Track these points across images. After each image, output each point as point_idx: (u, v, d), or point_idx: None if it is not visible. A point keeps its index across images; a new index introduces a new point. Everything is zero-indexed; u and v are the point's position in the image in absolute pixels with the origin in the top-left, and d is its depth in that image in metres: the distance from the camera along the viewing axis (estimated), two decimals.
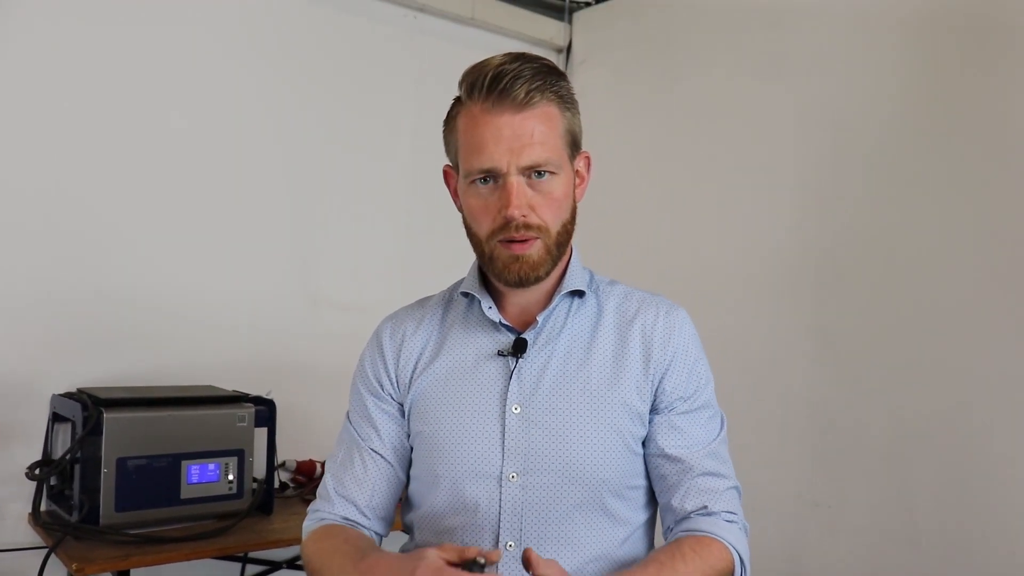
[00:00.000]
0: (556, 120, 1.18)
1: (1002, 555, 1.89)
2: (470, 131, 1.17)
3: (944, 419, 2.00)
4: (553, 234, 1.18)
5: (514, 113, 1.14)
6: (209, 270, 2.34)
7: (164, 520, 1.87)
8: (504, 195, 1.15)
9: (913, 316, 2.06)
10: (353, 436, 1.31)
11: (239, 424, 1.97)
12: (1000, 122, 1.93)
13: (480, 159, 1.15)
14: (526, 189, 1.16)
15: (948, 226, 2.01)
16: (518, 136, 1.14)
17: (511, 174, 1.14)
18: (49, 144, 2.11)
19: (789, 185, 2.35)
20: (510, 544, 1.18)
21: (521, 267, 1.17)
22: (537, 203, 1.16)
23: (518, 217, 1.14)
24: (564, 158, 1.19)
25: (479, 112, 1.15)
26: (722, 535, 1.18)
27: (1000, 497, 1.90)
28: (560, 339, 1.24)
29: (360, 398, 1.33)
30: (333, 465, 1.32)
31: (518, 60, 1.16)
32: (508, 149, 1.14)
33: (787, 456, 2.30)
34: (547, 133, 1.16)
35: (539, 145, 1.15)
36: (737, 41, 2.52)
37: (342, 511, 1.27)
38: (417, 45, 2.73)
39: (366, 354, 1.35)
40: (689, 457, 1.21)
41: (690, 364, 1.25)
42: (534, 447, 1.19)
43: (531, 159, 1.14)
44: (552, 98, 1.17)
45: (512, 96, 1.13)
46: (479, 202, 1.18)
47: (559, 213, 1.19)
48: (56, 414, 2.00)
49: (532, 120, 1.15)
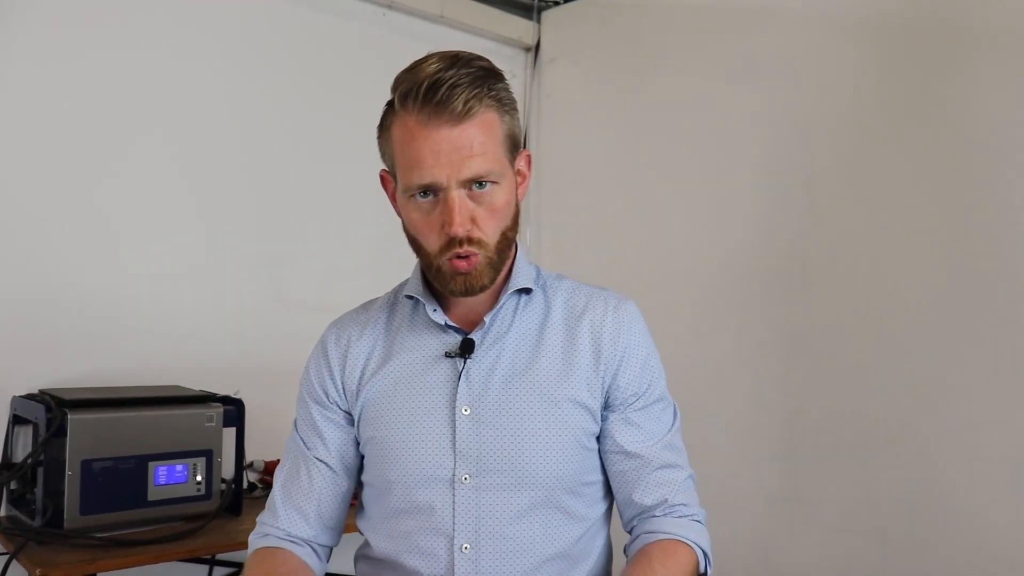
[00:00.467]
0: (495, 126, 1.14)
1: (967, 550, 1.93)
2: (406, 144, 1.12)
3: (911, 417, 2.03)
4: (492, 245, 1.16)
5: (452, 126, 1.09)
6: (177, 270, 2.30)
7: (131, 523, 1.84)
8: (446, 211, 1.12)
9: (880, 316, 2.10)
10: (299, 446, 1.30)
11: (207, 424, 1.94)
12: (965, 122, 1.97)
13: (419, 175, 1.11)
14: (467, 203, 1.13)
15: (915, 226, 2.05)
16: (457, 149, 1.10)
17: (452, 188, 1.11)
18: (14, 144, 2.06)
19: (758, 186, 2.38)
20: (465, 547, 1.17)
21: (467, 280, 1.16)
22: (479, 215, 1.14)
23: (461, 234, 1.12)
24: (505, 164, 1.16)
25: (415, 125, 1.11)
26: (685, 535, 1.19)
27: (965, 494, 1.94)
28: (508, 337, 1.23)
29: (306, 407, 1.31)
30: (280, 475, 1.31)
31: (454, 65, 1.10)
32: (447, 163, 1.10)
33: (757, 453, 2.32)
34: (486, 142, 1.12)
35: (479, 157, 1.11)
36: (706, 42, 2.54)
37: (286, 525, 1.26)
38: (386, 43, 2.72)
39: (311, 362, 1.33)
40: (647, 452, 1.22)
41: (642, 359, 1.24)
42: (486, 448, 1.18)
43: (472, 172, 1.11)
44: (491, 104, 1.13)
45: (450, 108, 1.08)
46: (421, 217, 1.15)
47: (500, 222, 1.16)
48: (16, 416, 1.95)
49: (471, 130, 1.10)
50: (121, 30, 2.22)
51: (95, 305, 2.16)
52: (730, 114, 2.46)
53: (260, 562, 1.24)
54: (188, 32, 2.34)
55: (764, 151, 2.37)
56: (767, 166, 2.36)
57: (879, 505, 2.08)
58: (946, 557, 1.96)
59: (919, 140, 2.05)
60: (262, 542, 1.27)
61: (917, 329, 2.03)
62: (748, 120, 2.41)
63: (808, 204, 2.26)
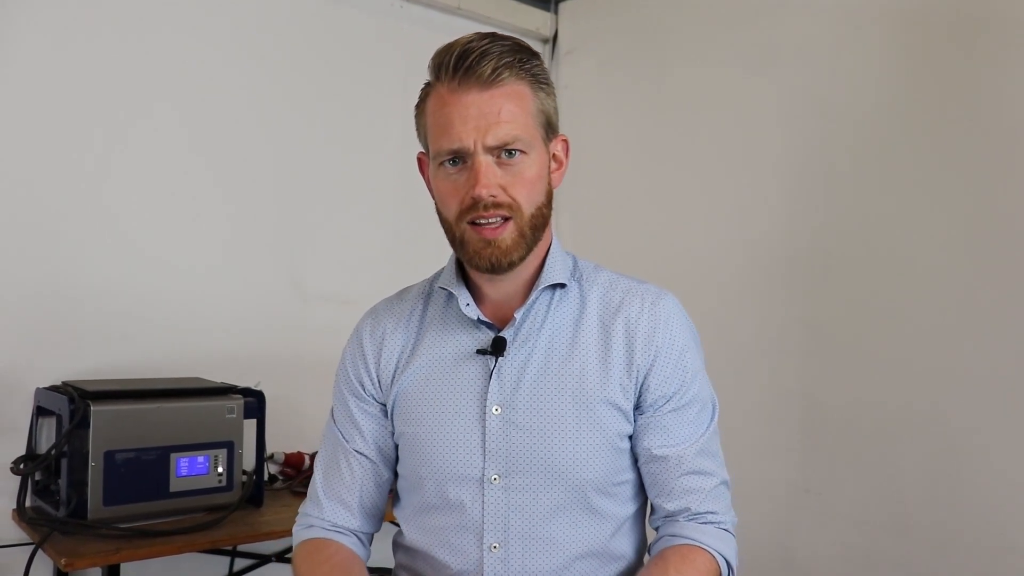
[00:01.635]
0: (527, 99, 1.13)
1: (990, 542, 1.91)
2: (437, 112, 1.14)
3: (933, 407, 2.01)
4: (526, 215, 1.14)
5: (480, 90, 1.10)
6: (197, 262, 2.31)
7: (153, 514, 1.85)
8: (472, 174, 1.11)
9: (902, 306, 2.08)
10: (337, 437, 1.30)
11: (228, 416, 1.95)
12: (989, 113, 1.95)
13: (447, 139, 1.12)
14: (495, 168, 1.11)
15: (936, 216, 2.03)
16: (484, 114, 1.10)
17: (478, 153, 1.10)
18: (33, 137, 2.08)
19: (777, 176, 2.36)
20: (495, 546, 1.17)
21: (493, 252, 1.13)
22: (507, 183, 1.12)
23: (486, 196, 1.10)
24: (536, 138, 1.15)
25: (446, 92, 1.12)
26: (705, 542, 1.18)
27: (988, 485, 1.92)
28: (541, 334, 1.21)
29: (343, 399, 1.31)
30: (320, 465, 1.32)
31: (486, 38, 1.12)
32: (475, 127, 1.10)
33: (777, 444, 2.31)
34: (516, 112, 1.12)
35: (507, 123, 1.10)
36: (724, 32, 2.52)
37: (331, 516, 1.27)
38: (403, 35, 2.71)
39: (347, 353, 1.33)
40: (675, 456, 1.19)
41: (674, 360, 1.20)
42: (515, 449, 1.17)
43: (498, 138, 1.10)
44: (523, 76, 1.13)
45: (478, 73, 1.09)
46: (448, 184, 1.14)
47: (532, 194, 1.14)
48: (40, 408, 1.97)
49: (499, 97, 1.11)
50: (140, 22, 2.23)
51: (117, 298, 2.18)
52: (749, 104, 2.44)
53: (312, 553, 1.24)
54: (207, 24, 2.35)
55: (784, 141, 2.35)
56: (787, 156, 2.34)
57: (900, 496, 2.06)
58: (968, 549, 1.94)
59: (940, 129, 2.03)
60: (308, 533, 1.28)
61: (939, 319, 2.01)
62: (767, 110, 2.39)
63: (828, 194, 2.24)
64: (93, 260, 2.15)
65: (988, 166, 1.94)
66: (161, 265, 2.25)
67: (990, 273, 1.93)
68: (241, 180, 2.41)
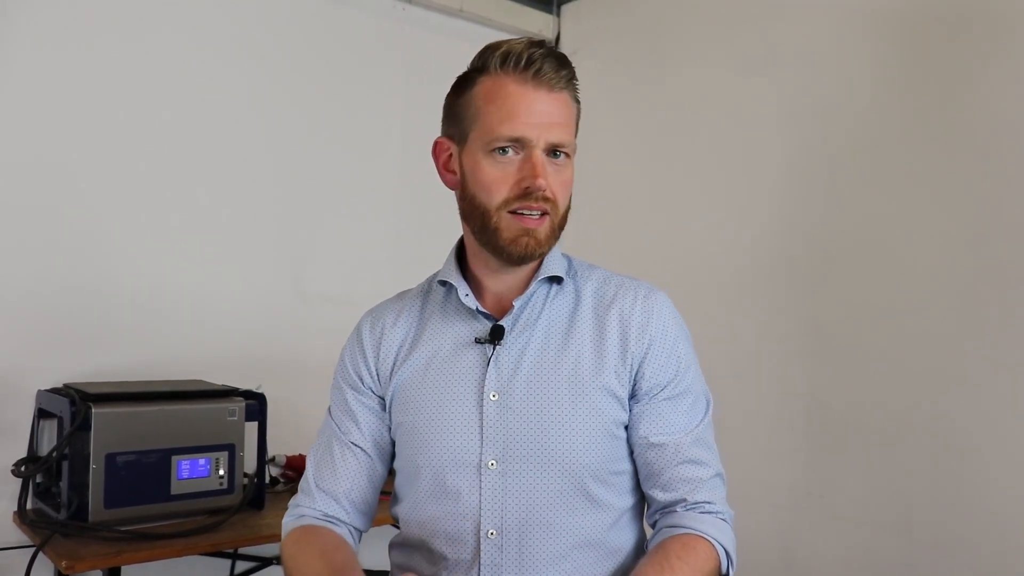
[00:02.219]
0: (572, 110, 1.22)
1: (994, 545, 1.90)
2: (499, 99, 1.17)
3: (936, 409, 2.01)
4: (560, 213, 1.21)
5: (548, 92, 1.17)
6: (197, 264, 2.31)
7: (154, 516, 1.85)
8: (531, 166, 1.16)
9: (905, 307, 2.07)
10: (333, 429, 1.31)
11: (230, 418, 1.95)
12: (987, 112, 1.94)
13: (512, 127, 1.16)
14: (548, 166, 1.18)
15: (937, 216, 2.02)
16: (549, 113, 1.17)
17: (538, 147, 1.16)
18: (34, 139, 2.08)
19: (779, 177, 2.36)
20: (492, 532, 1.18)
21: (529, 241, 1.18)
22: (553, 181, 1.18)
23: (544, 187, 1.16)
24: (574, 147, 1.23)
25: (513, 83, 1.17)
26: (705, 531, 1.18)
27: (992, 487, 1.91)
28: (538, 325, 1.24)
29: (340, 392, 1.33)
30: (314, 458, 1.32)
31: (544, 47, 1.19)
32: (539, 124, 1.16)
33: (780, 446, 2.30)
34: (568, 119, 1.20)
35: (566, 126, 1.19)
36: (726, 34, 2.52)
37: (322, 506, 1.28)
38: (405, 37, 2.72)
39: (346, 349, 1.35)
40: (671, 444, 1.21)
41: (668, 349, 1.23)
42: (512, 434, 1.19)
43: (558, 138, 1.18)
44: (573, 90, 1.22)
45: (548, 77, 1.17)
46: (497, 171, 1.17)
47: (567, 195, 1.22)
48: (41, 410, 1.97)
49: (560, 104, 1.18)
50: (143, 23, 2.23)
51: (119, 300, 2.18)
52: (751, 106, 2.44)
53: (301, 537, 1.25)
54: (208, 26, 2.35)
55: (785, 142, 2.35)
56: (788, 157, 2.34)
57: (903, 498, 2.05)
58: (972, 551, 1.93)
59: (941, 129, 2.02)
60: (298, 522, 1.28)
61: (941, 320, 2.00)
62: (769, 112, 2.39)
63: (829, 195, 2.24)
64: (94, 262, 2.15)
65: (988, 165, 1.94)
66: (162, 267, 2.25)
67: (992, 273, 1.93)
68: (242, 182, 2.41)
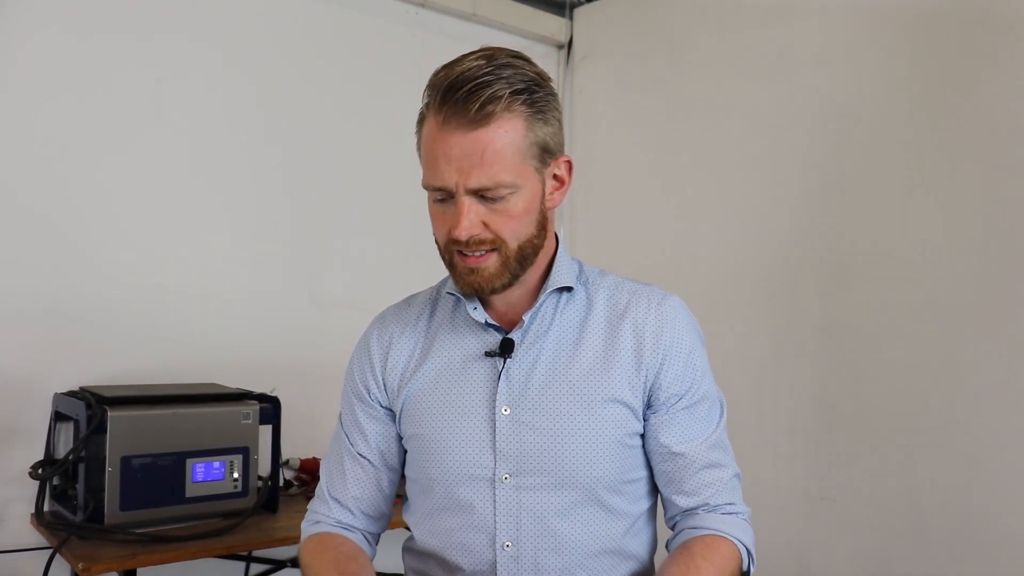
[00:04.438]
0: (518, 133, 1.10)
1: (1008, 551, 1.89)
2: (426, 144, 1.13)
3: (950, 414, 1.99)
4: (513, 248, 1.14)
5: (466, 131, 1.07)
6: (213, 269, 2.33)
7: (169, 519, 1.86)
8: (455, 216, 1.11)
9: (919, 311, 2.06)
10: (343, 440, 1.33)
11: (244, 422, 1.96)
12: (1001, 114, 1.93)
13: (432, 175, 1.12)
14: (477, 207, 1.11)
15: (952, 219, 2.01)
16: (468, 156, 1.08)
17: (460, 194, 1.10)
18: (49, 142, 2.09)
19: (793, 181, 2.35)
20: (507, 544, 1.18)
21: (476, 279, 1.15)
22: (492, 220, 1.12)
23: (464, 238, 1.12)
24: (526, 172, 1.12)
25: (434, 125, 1.11)
26: (728, 531, 1.19)
27: (1007, 492, 1.90)
28: (548, 336, 1.22)
29: (349, 403, 1.33)
30: (326, 467, 1.35)
31: (487, 66, 1.08)
32: (457, 169, 1.09)
33: (794, 451, 2.29)
34: (501, 151, 1.08)
35: (489, 167, 1.08)
36: (738, 37, 2.51)
37: (335, 514, 1.30)
38: (418, 41, 2.72)
39: (354, 359, 1.34)
40: (691, 452, 1.21)
41: (684, 359, 1.22)
42: (525, 448, 1.18)
43: (479, 182, 1.09)
44: (518, 109, 1.09)
45: (465, 111, 1.07)
46: (438, 212, 1.16)
47: (519, 228, 1.14)
48: (58, 413, 1.98)
49: (485, 137, 1.08)
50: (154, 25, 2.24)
51: (134, 305, 2.19)
52: (763, 109, 2.43)
53: (318, 544, 1.27)
54: (223, 29, 2.36)
55: (798, 145, 2.34)
56: (801, 160, 2.33)
57: (917, 503, 2.04)
58: (985, 557, 1.92)
59: (958, 132, 2.01)
60: (315, 528, 1.31)
61: (955, 323, 1.99)
62: (782, 115, 2.38)
63: (843, 198, 2.23)
64: (110, 267, 2.17)
65: (1004, 168, 1.93)
66: (177, 272, 2.26)
67: (1007, 276, 1.91)
68: (257, 187, 2.42)
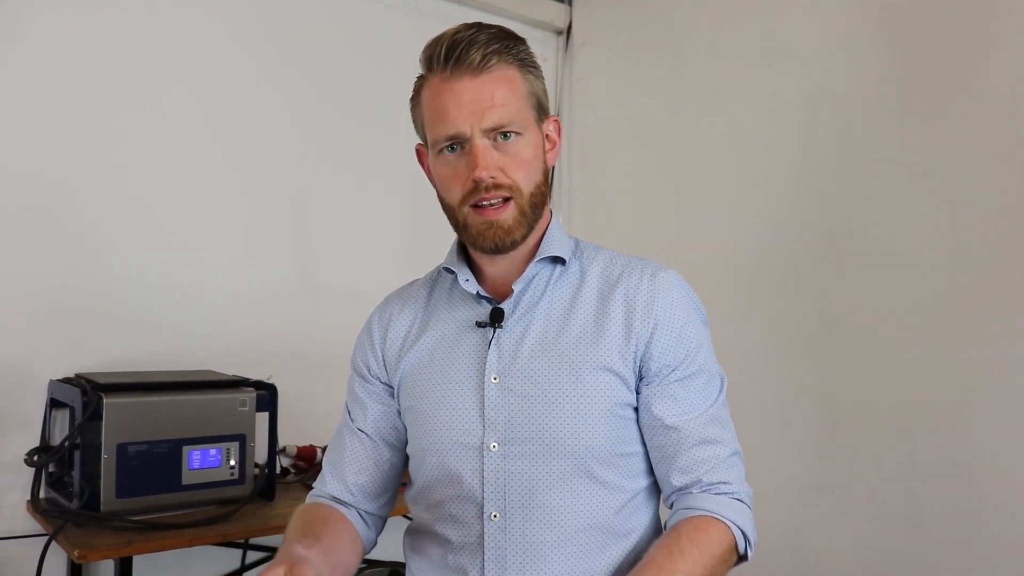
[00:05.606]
0: (517, 82, 1.18)
1: (1006, 540, 1.89)
2: (432, 102, 1.17)
3: (949, 404, 1.99)
4: (526, 194, 1.18)
5: (472, 77, 1.14)
6: (208, 256, 2.32)
7: (165, 506, 1.85)
8: (471, 158, 1.15)
9: (918, 302, 2.05)
10: (346, 417, 1.36)
11: (240, 409, 1.95)
12: (1005, 103, 1.91)
13: (444, 126, 1.16)
14: (492, 151, 1.15)
15: (954, 209, 2.00)
16: (478, 99, 1.14)
17: (476, 137, 1.14)
18: (45, 132, 2.08)
19: (793, 170, 2.33)
20: (495, 515, 1.18)
21: (496, 232, 1.17)
22: (506, 164, 1.16)
23: (487, 178, 1.14)
24: (529, 119, 1.19)
25: (439, 82, 1.16)
26: (719, 512, 1.16)
27: (1004, 482, 1.90)
28: (539, 307, 1.23)
29: (351, 380, 1.37)
30: (330, 442, 1.38)
31: (473, 28, 1.17)
32: (470, 113, 1.14)
33: (791, 441, 2.29)
34: (508, 95, 1.16)
35: (500, 107, 1.15)
36: (739, 24, 2.50)
37: (331, 489, 1.33)
38: (415, 26, 2.69)
39: (358, 339, 1.38)
40: (685, 425, 1.18)
41: (677, 330, 1.20)
42: (514, 417, 1.18)
43: (493, 120, 1.14)
44: (511, 61, 1.17)
45: (468, 61, 1.14)
46: (448, 170, 1.18)
47: (529, 173, 1.18)
48: (54, 400, 1.97)
49: (491, 83, 1.15)
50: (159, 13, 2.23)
51: (130, 292, 2.18)
52: (764, 96, 2.41)
53: (300, 513, 1.31)
54: (217, 18, 2.34)
55: (798, 134, 2.32)
56: (800, 150, 2.31)
57: (914, 493, 2.04)
58: (985, 547, 1.91)
59: (959, 122, 1.99)
60: (309, 502, 1.35)
61: (956, 314, 1.98)
62: (782, 102, 2.36)
63: (842, 188, 2.21)
64: (106, 254, 2.16)
65: (1007, 158, 1.91)
66: (173, 258, 2.25)
67: (1006, 267, 1.90)
68: (254, 174, 2.41)
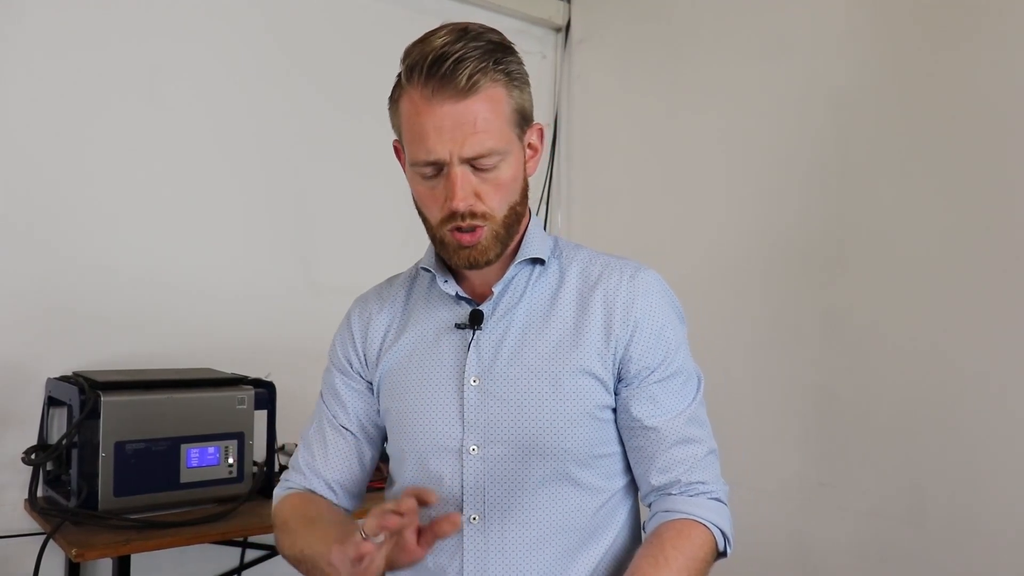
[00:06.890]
0: (501, 102, 1.12)
1: (1008, 536, 1.88)
2: (412, 119, 1.12)
3: (949, 400, 1.98)
4: (500, 219, 1.16)
5: (456, 101, 1.08)
6: (207, 254, 2.31)
7: (163, 505, 1.85)
8: (449, 186, 1.11)
9: (918, 297, 2.05)
10: (323, 412, 1.34)
11: (239, 407, 1.95)
12: (1007, 97, 1.91)
13: (423, 150, 1.11)
14: (471, 178, 1.12)
15: (955, 204, 1.99)
16: (460, 125, 1.09)
17: (454, 165, 1.10)
18: (43, 128, 2.07)
19: (792, 166, 2.33)
20: (474, 517, 1.18)
21: (470, 253, 1.15)
22: (483, 190, 1.13)
23: (463, 209, 1.12)
24: (511, 139, 1.15)
25: (419, 99, 1.10)
26: (700, 515, 1.16)
27: (1004, 477, 1.89)
28: (519, 308, 1.22)
29: (331, 376, 1.35)
30: (304, 439, 1.35)
31: (462, 38, 1.10)
32: (450, 139, 1.09)
33: (791, 436, 2.29)
34: (491, 119, 1.11)
35: (482, 133, 1.10)
36: (738, 20, 2.49)
37: (309, 485, 1.30)
38: (415, 24, 2.67)
39: (337, 334, 1.37)
40: (664, 426, 1.18)
41: (656, 332, 1.20)
42: (493, 419, 1.18)
43: (474, 150, 1.10)
44: (498, 78, 1.11)
45: (453, 83, 1.08)
46: (426, 190, 1.15)
47: (507, 197, 1.16)
48: (52, 398, 1.97)
49: (475, 105, 1.09)
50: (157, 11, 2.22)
51: (128, 290, 2.18)
52: (763, 94, 2.41)
53: (289, 498, 1.29)
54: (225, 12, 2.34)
55: (797, 130, 2.32)
56: (801, 146, 2.31)
57: (914, 488, 2.03)
58: (985, 542, 1.91)
59: (955, 118, 1.99)
60: (287, 491, 1.32)
61: (955, 309, 1.98)
62: (782, 99, 2.36)
63: (842, 183, 2.21)
64: (104, 251, 2.15)
65: (1009, 152, 1.91)
66: (172, 256, 2.25)
67: (1006, 264, 1.90)
68: (253, 172, 2.40)
